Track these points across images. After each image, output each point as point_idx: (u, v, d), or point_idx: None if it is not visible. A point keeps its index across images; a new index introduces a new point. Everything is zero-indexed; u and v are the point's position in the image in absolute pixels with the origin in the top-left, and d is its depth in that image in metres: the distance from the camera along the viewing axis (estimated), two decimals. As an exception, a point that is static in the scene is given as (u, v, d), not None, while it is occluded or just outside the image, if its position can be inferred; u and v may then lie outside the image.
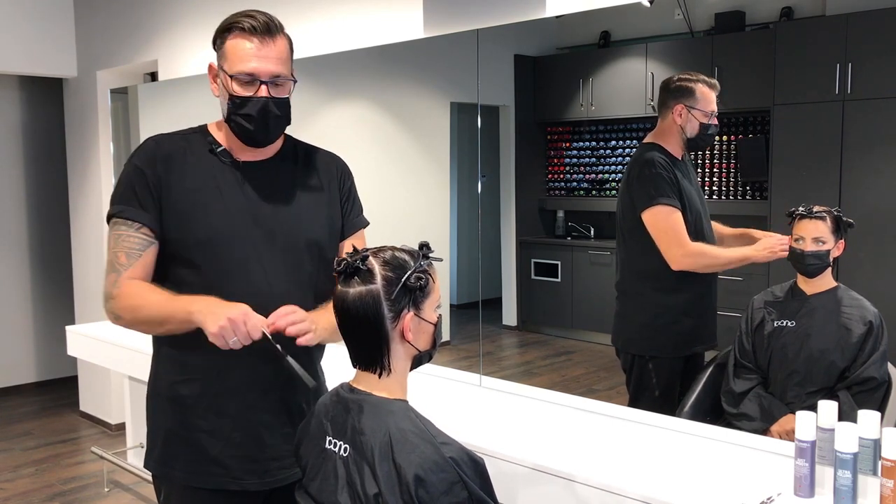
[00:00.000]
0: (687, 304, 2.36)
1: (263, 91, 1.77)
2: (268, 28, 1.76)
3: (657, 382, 2.41)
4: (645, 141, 2.44)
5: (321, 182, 1.95)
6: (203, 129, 1.90)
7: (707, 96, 2.28)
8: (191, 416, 1.82)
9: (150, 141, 1.85)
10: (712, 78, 2.29)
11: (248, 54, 1.75)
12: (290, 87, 1.83)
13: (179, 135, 1.88)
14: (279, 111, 1.80)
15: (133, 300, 1.75)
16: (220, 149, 1.84)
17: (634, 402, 2.43)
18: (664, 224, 2.34)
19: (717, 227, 2.40)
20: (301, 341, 1.69)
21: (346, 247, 1.97)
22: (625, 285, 2.50)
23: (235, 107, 1.78)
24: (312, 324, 1.71)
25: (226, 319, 1.60)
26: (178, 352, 1.82)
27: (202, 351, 1.75)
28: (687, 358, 2.45)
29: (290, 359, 1.68)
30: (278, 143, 1.92)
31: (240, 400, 1.83)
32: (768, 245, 2.20)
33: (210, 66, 1.85)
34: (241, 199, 1.82)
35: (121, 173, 1.84)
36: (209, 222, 1.79)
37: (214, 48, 1.83)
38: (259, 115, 1.77)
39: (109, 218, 1.82)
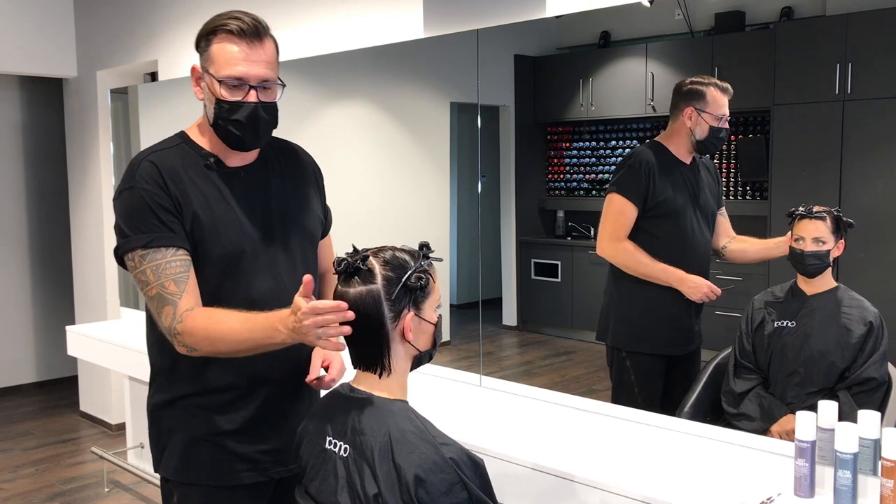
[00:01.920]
0: (663, 302, 2.36)
1: (252, 96, 1.73)
2: (256, 31, 1.72)
3: (635, 379, 2.42)
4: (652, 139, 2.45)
5: (307, 175, 1.96)
6: (186, 139, 1.82)
7: (718, 100, 2.27)
8: (218, 422, 1.81)
9: (145, 162, 1.74)
10: (724, 82, 2.27)
11: (237, 58, 1.70)
12: (277, 91, 1.78)
13: (168, 149, 1.79)
14: (268, 116, 1.76)
15: (209, 332, 1.65)
16: (213, 159, 1.80)
17: (615, 397, 2.44)
18: (609, 210, 2.44)
19: (747, 239, 2.33)
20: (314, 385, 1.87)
21: (324, 252, 2.00)
22: (608, 278, 2.50)
23: (224, 112, 1.73)
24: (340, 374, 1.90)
25: (311, 330, 1.46)
26: (204, 368, 1.78)
27: (230, 367, 1.76)
28: (670, 358, 2.44)
29: None
30: None
31: (269, 402, 1.84)
32: (697, 285, 2.32)
33: (193, 69, 1.79)
34: (246, 207, 1.81)
35: (125, 201, 1.73)
36: (229, 237, 1.76)
37: (198, 50, 1.78)
38: (248, 120, 1.73)
39: (128, 251, 1.71)
